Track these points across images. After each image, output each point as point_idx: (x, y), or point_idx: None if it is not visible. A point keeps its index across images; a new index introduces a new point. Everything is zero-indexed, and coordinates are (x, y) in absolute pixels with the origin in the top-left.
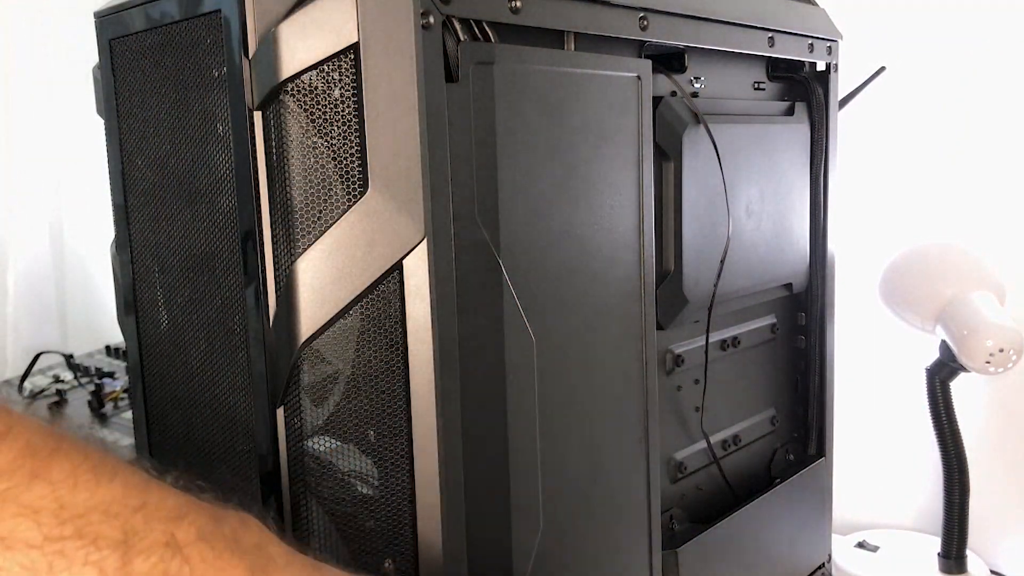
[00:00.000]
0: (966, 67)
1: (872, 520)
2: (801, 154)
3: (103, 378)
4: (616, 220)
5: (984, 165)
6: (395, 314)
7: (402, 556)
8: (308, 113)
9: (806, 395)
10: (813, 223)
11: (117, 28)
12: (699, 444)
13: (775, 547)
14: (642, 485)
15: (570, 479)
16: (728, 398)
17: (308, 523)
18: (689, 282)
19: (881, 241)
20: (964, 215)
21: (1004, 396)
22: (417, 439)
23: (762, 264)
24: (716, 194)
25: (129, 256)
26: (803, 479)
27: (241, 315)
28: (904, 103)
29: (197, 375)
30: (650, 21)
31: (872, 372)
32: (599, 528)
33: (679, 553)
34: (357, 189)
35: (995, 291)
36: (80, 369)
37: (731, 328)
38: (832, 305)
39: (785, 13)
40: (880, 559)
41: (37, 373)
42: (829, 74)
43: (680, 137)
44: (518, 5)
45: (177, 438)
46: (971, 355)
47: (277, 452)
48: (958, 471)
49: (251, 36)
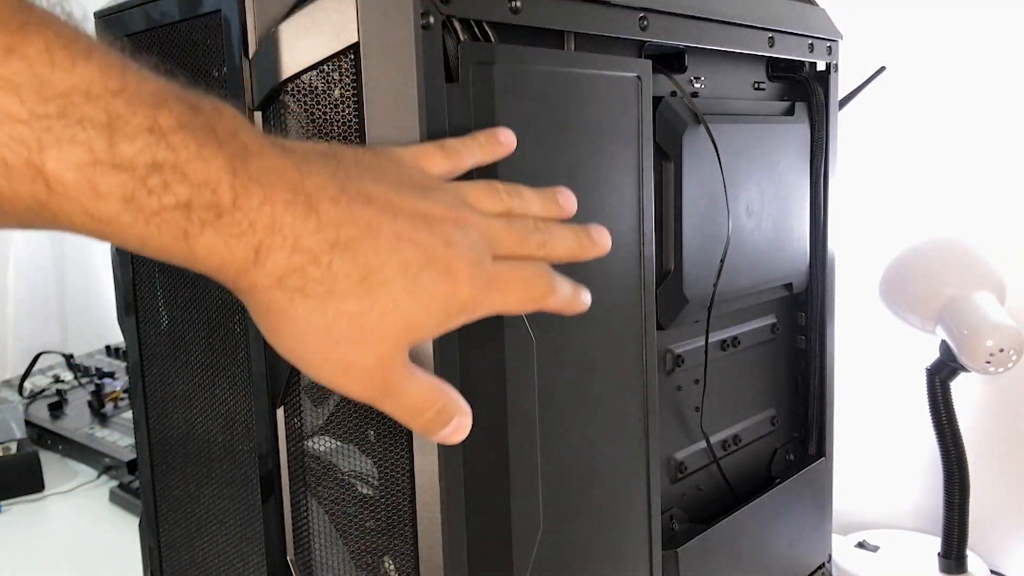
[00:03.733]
0: (966, 67)
1: (872, 520)
2: (801, 154)
3: (103, 378)
4: (616, 220)
5: (984, 165)
6: None
7: (402, 556)
8: (308, 113)
9: (806, 395)
10: (813, 223)
11: (117, 28)
12: (699, 444)
13: (775, 547)
14: (642, 485)
15: (570, 479)
16: (728, 398)
17: (308, 523)
18: (689, 282)
19: (881, 241)
20: (964, 215)
21: (1004, 396)
22: (417, 439)
23: (762, 264)
24: (716, 194)
25: (129, 256)
26: (803, 479)
27: (241, 315)
28: (904, 103)
29: (197, 375)
30: (650, 21)
31: (872, 372)
32: (599, 528)
33: (679, 553)
34: None
35: (995, 291)
36: (80, 369)
37: (731, 328)
38: (832, 305)
39: (785, 13)
40: (880, 559)
41: (37, 373)
42: (829, 74)
43: (680, 137)
44: (518, 5)
45: (177, 438)
46: (971, 355)
47: (277, 452)
48: (958, 471)
49: (251, 36)
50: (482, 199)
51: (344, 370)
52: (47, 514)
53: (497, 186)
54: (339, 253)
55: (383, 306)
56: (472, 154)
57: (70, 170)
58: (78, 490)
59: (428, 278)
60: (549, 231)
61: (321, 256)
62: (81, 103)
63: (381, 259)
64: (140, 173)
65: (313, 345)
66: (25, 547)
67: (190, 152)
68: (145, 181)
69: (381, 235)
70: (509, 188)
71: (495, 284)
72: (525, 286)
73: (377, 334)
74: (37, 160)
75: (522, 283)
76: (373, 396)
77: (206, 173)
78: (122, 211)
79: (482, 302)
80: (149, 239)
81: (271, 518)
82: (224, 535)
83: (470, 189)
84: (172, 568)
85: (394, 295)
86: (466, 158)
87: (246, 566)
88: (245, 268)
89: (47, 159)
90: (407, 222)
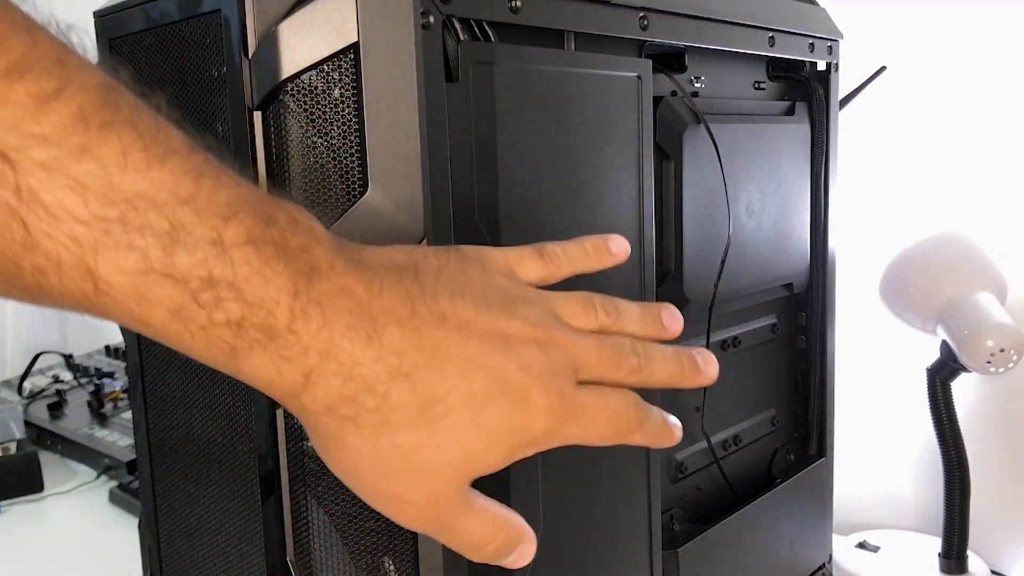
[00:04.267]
0: (966, 66)
1: (873, 520)
2: (801, 154)
3: (103, 378)
4: (616, 220)
5: (984, 165)
6: None
7: (402, 556)
8: (308, 113)
9: (807, 395)
10: (813, 223)
11: (117, 28)
12: (699, 444)
13: (776, 547)
14: (642, 485)
15: (570, 479)
16: (729, 398)
17: (308, 523)
18: (689, 282)
19: (881, 241)
20: (964, 214)
21: (1004, 396)
22: None
23: (762, 264)
24: (716, 194)
25: None
26: (804, 479)
27: None
28: (904, 103)
29: (197, 375)
30: (650, 21)
31: (872, 372)
32: (599, 528)
33: (679, 553)
34: (357, 189)
35: (996, 290)
36: (80, 369)
37: (732, 328)
38: (832, 305)
39: (785, 12)
40: (881, 559)
41: (37, 373)
42: (830, 74)
43: (680, 137)
44: (518, 5)
45: (177, 438)
46: (972, 355)
47: (277, 452)
48: (958, 471)
49: (251, 36)
50: (575, 314)
51: (396, 503)
52: (47, 514)
53: (594, 300)
54: (399, 382)
55: (441, 439)
56: (574, 262)
57: (121, 275)
58: (77, 490)
59: (497, 409)
60: (647, 355)
61: (378, 386)
62: (146, 209)
63: (446, 388)
64: (193, 287)
65: (364, 474)
66: (25, 547)
67: (251, 269)
68: (197, 296)
69: (449, 360)
70: (607, 302)
71: (575, 415)
72: (610, 419)
73: (431, 469)
74: (91, 261)
75: (607, 416)
76: (427, 530)
77: (264, 293)
78: (169, 320)
79: (557, 434)
80: (194, 349)
81: (271, 518)
82: (224, 535)
83: (563, 302)
84: (172, 568)
85: (455, 427)
86: (565, 266)
87: (246, 566)
88: (294, 392)
89: (100, 262)
90: (481, 345)
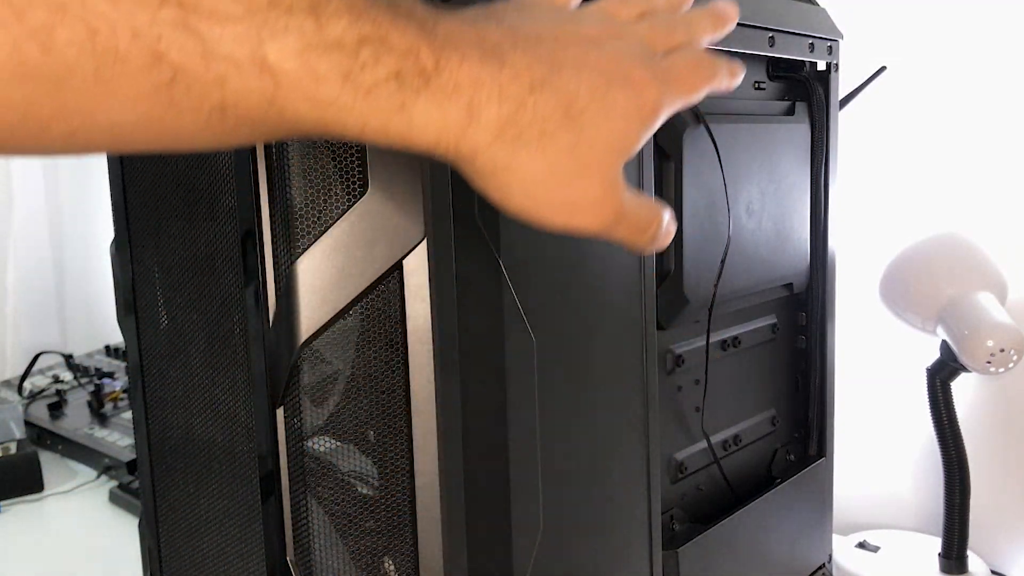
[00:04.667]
0: (966, 66)
1: (873, 520)
2: (801, 154)
3: (103, 378)
4: None
5: (985, 165)
6: (395, 314)
7: (402, 556)
8: None
9: (807, 395)
10: (813, 223)
11: None
12: (699, 444)
13: (776, 547)
14: (642, 485)
15: (570, 479)
16: (728, 398)
17: (308, 523)
18: (689, 282)
19: (881, 241)
20: (965, 214)
21: (1005, 396)
22: (417, 439)
23: (762, 264)
24: (716, 194)
25: (129, 256)
26: (804, 479)
27: (241, 315)
28: (904, 103)
29: (197, 375)
30: None
31: (872, 372)
32: (599, 528)
33: (679, 553)
34: (357, 189)
35: (996, 290)
36: (80, 369)
37: (731, 328)
38: (832, 305)
39: (785, 12)
40: (881, 559)
41: (37, 373)
42: (830, 73)
43: (680, 136)
44: None
45: (177, 438)
46: (972, 355)
47: (277, 452)
48: (958, 471)
49: None
50: (620, 10)
51: (577, 209)
52: (47, 514)
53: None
54: (539, 93)
55: (589, 134)
56: None
57: (290, 58)
58: (78, 490)
59: (617, 93)
60: (686, 19)
61: (526, 100)
62: None
63: (572, 89)
64: (351, 49)
65: (542, 193)
66: (25, 547)
67: (388, 24)
68: (357, 56)
69: (564, 67)
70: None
71: (672, 77)
72: (696, 70)
73: (595, 161)
74: (260, 54)
75: (693, 69)
76: (607, 225)
77: (407, 42)
78: (341, 91)
79: (666, 98)
80: (370, 118)
81: (271, 518)
82: (224, 535)
83: (605, 5)
84: (172, 568)
85: (595, 120)
86: None
87: (246, 566)
88: (463, 130)
89: (268, 51)
90: (578, 49)
